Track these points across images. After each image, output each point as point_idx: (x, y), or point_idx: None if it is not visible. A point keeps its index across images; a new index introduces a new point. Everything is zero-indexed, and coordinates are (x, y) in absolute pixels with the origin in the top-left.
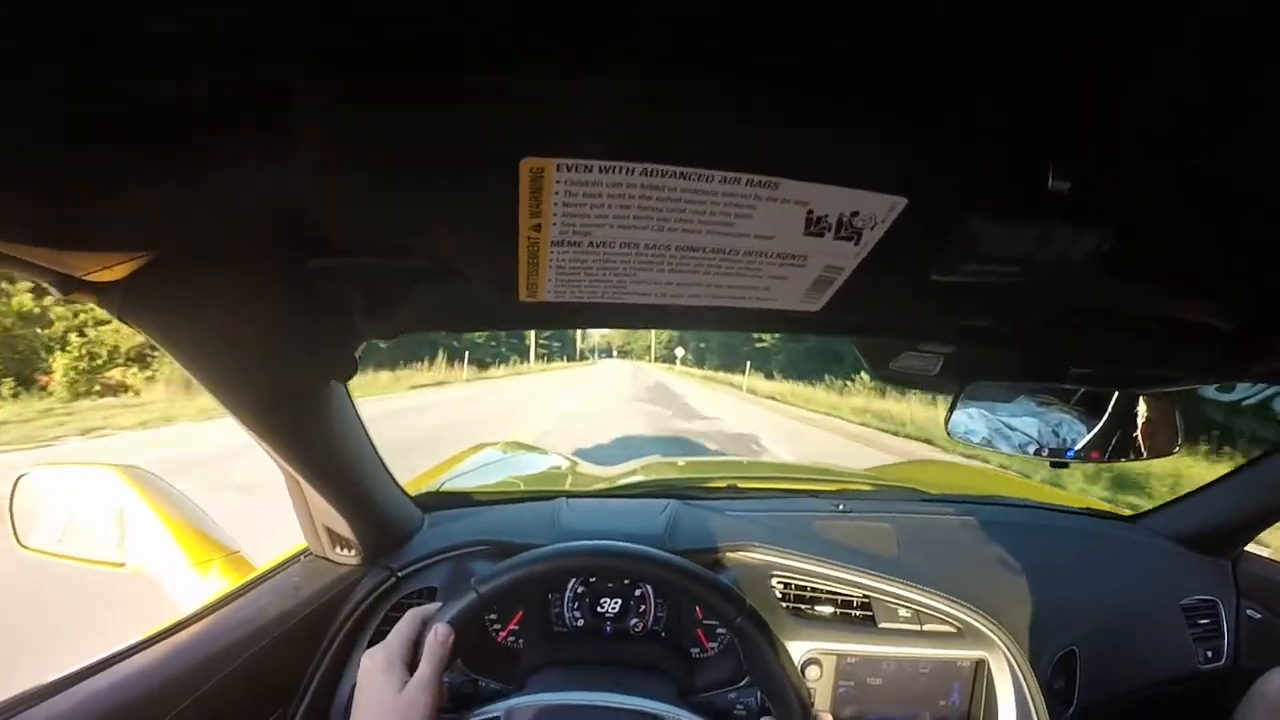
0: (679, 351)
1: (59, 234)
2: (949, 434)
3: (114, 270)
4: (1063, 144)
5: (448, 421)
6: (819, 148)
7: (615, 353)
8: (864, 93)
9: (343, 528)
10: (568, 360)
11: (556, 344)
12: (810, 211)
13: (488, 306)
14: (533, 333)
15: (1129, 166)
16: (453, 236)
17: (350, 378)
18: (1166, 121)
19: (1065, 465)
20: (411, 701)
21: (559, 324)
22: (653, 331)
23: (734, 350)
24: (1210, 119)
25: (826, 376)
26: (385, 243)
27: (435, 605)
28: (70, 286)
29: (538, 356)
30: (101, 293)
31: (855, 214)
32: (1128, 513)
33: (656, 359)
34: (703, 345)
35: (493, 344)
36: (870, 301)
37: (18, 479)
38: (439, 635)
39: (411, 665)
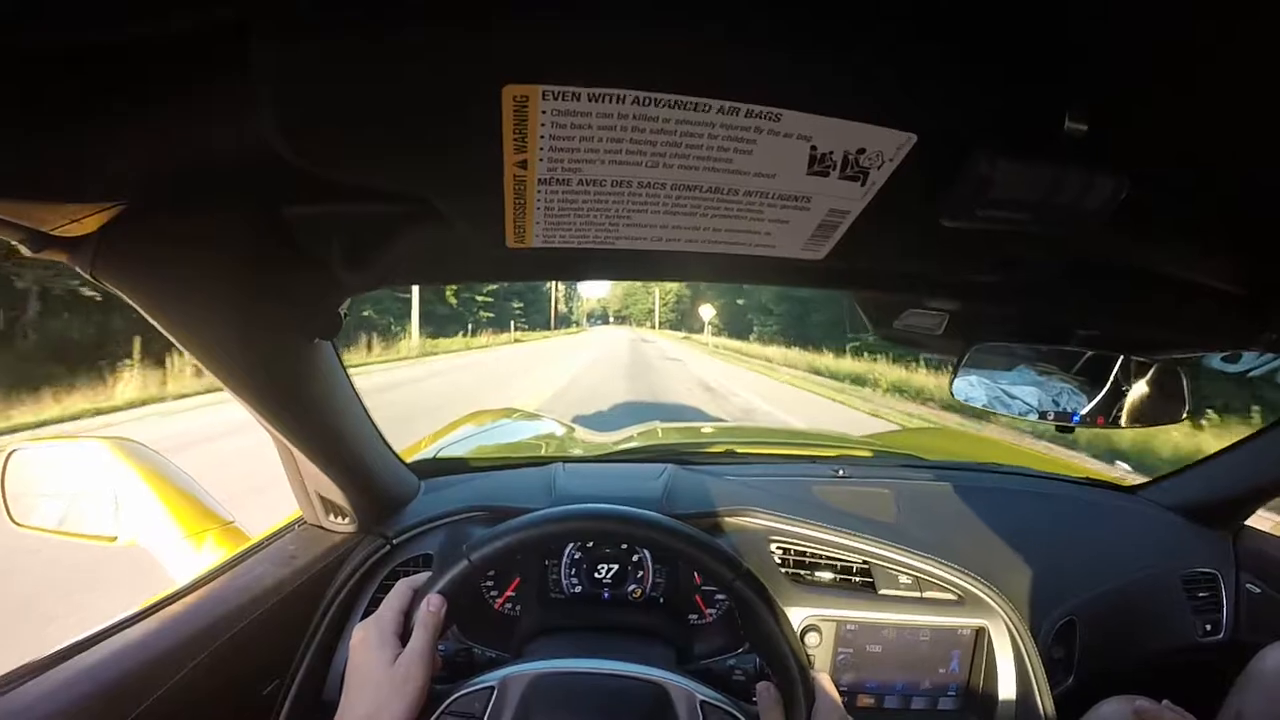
0: (706, 312)
1: (24, 187)
2: (954, 396)
3: (83, 224)
4: (1081, 83)
5: None
6: (823, 76)
7: (611, 318)
8: (871, 15)
9: (336, 495)
10: (545, 330)
11: (537, 314)
12: (814, 148)
13: (474, 254)
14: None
15: (1148, 113)
16: (435, 177)
17: (335, 334)
18: (1190, 70)
19: (1071, 430)
20: (405, 675)
21: (549, 274)
22: (655, 291)
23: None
24: (1236, 72)
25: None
26: (363, 188)
27: (426, 575)
28: (40, 243)
29: (516, 327)
30: (72, 249)
31: (862, 151)
32: (1130, 483)
33: (662, 324)
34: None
35: (459, 309)
36: (876, 251)
37: (8, 455)
38: (431, 605)
39: (404, 636)
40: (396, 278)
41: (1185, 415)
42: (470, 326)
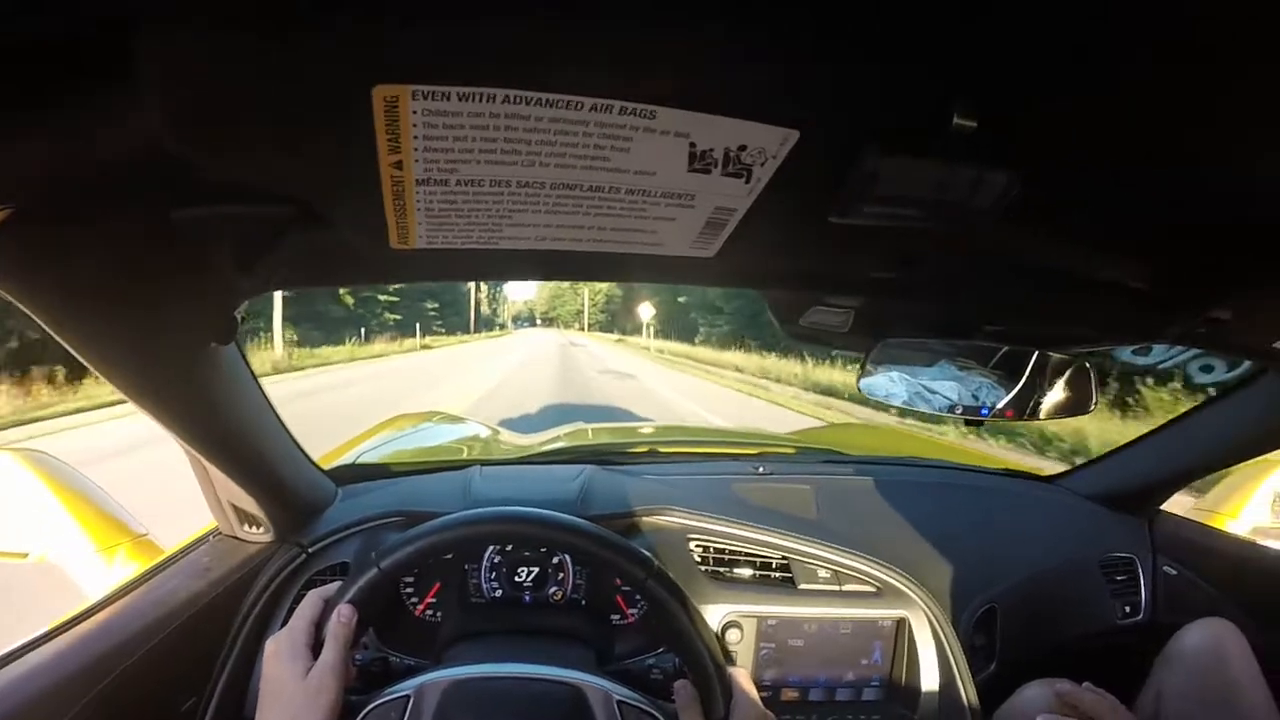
0: (645, 311)
1: None
2: (861, 391)
3: None
4: (969, 78)
5: None
6: (697, 72)
7: (539, 319)
8: (744, 9)
9: (250, 504)
10: (464, 335)
11: (455, 316)
12: (693, 145)
13: (361, 256)
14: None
15: (1038, 109)
16: (314, 179)
17: (231, 339)
18: (1080, 65)
19: (980, 424)
20: (317, 687)
21: (438, 275)
22: (584, 291)
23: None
24: (1121, 65)
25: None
26: (248, 190)
27: (337, 584)
28: None
29: (427, 331)
30: None
31: (743, 148)
32: (1047, 473)
33: (591, 325)
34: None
35: (358, 310)
36: (768, 248)
37: None
38: (341, 616)
39: (316, 648)
40: (287, 281)
41: (1093, 407)
42: (364, 331)
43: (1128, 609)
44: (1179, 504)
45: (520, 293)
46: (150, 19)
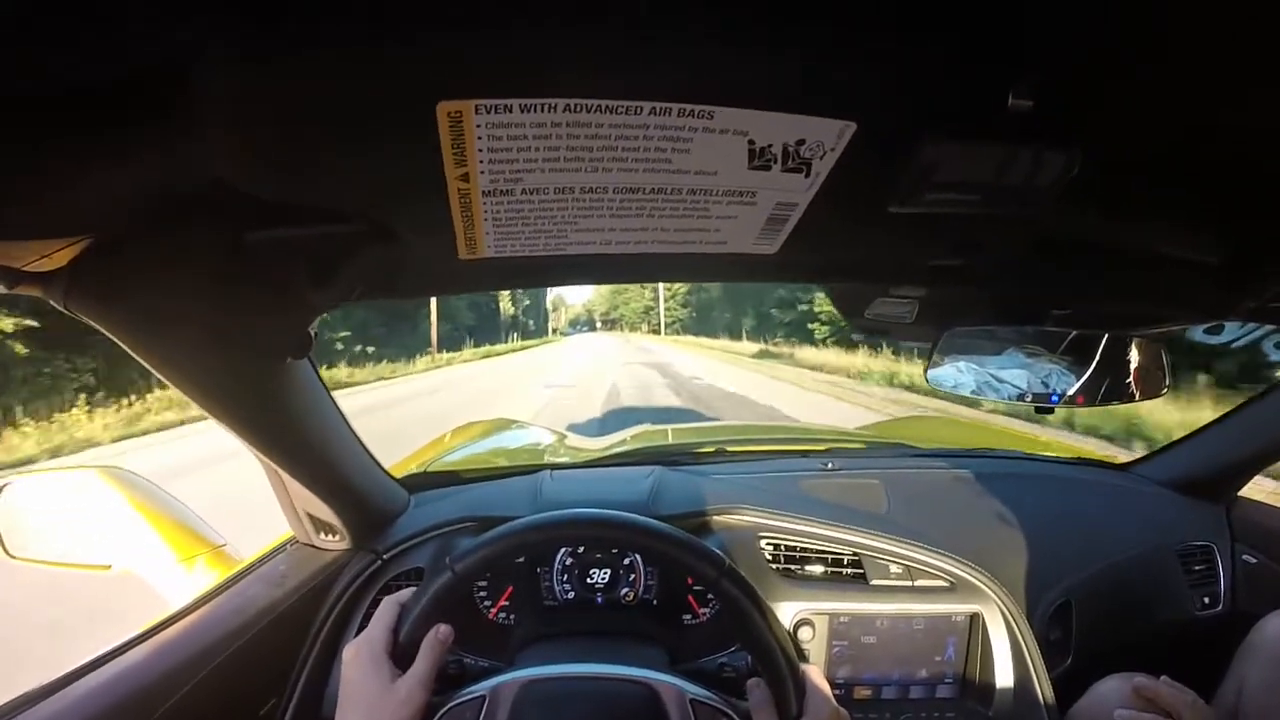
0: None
1: None
2: (929, 383)
3: (54, 259)
4: (1022, 59)
5: None
6: (753, 70)
7: (599, 322)
8: (797, 6)
9: (325, 513)
10: (491, 345)
11: (483, 326)
12: (752, 142)
13: (431, 269)
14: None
15: (1097, 86)
16: (383, 196)
17: (307, 353)
18: (1140, 38)
19: (1050, 411)
20: (406, 697)
21: (507, 283)
22: (649, 289)
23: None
24: (1180, 33)
25: None
26: (318, 210)
27: (411, 590)
28: (13, 279)
29: (453, 345)
30: (45, 283)
31: (801, 142)
32: (1121, 460)
33: (671, 327)
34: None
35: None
36: (830, 241)
37: (1, 488)
38: (440, 634)
39: (393, 653)
40: (360, 294)
41: (1166, 390)
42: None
43: (1206, 599)
44: (1257, 489)
45: (577, 296)
46: (208, 61)
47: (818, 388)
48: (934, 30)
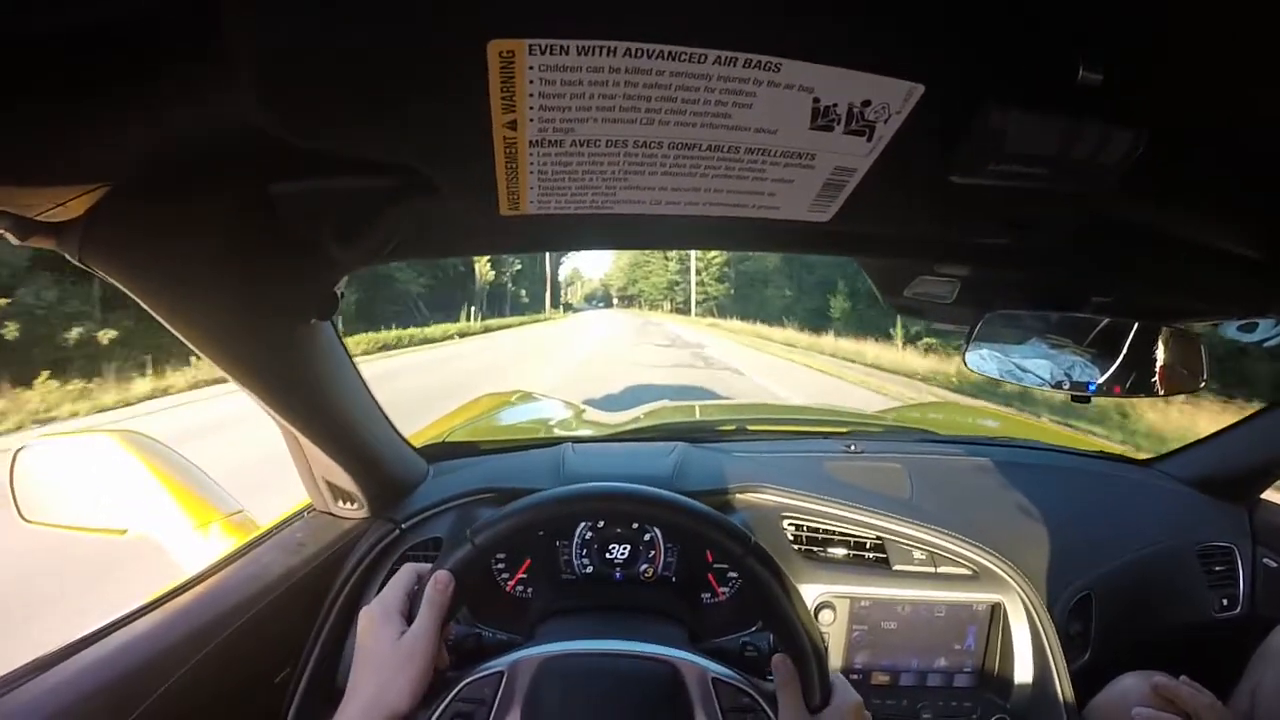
0: None
1: (4, 172)
2: (966, 367)
3: (69, 208)
4: (1096, 31)
5: None
6: (824, 22)
7: (615, 298)
8: None
9: (344, 480)
10: (469, 321)
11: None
12: (817, 100)
13: (469, 224)
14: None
15: (1167, 65)
16: (422, 143)
17: (332, 315)
18: (1212, 18)
19: (1087, 400)
20: (409, 652)
21: (546, 243)
22: (673, 260)
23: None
24: (1260, 23)
25: None
26: (350, 160)
27: (429, 565)
28: (26, 230)
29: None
30: (59, 234)
31: (867, 103)
32: (1143, 456)
33: (701, 306)
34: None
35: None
36: (884, 212)
37: (16, 452)
38: (439, 583)
39: (409, 616)
40: (390, 253)
41: (1203, 384)
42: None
43: (1225, 601)
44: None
45: (595, 269)
46: None
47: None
48: None
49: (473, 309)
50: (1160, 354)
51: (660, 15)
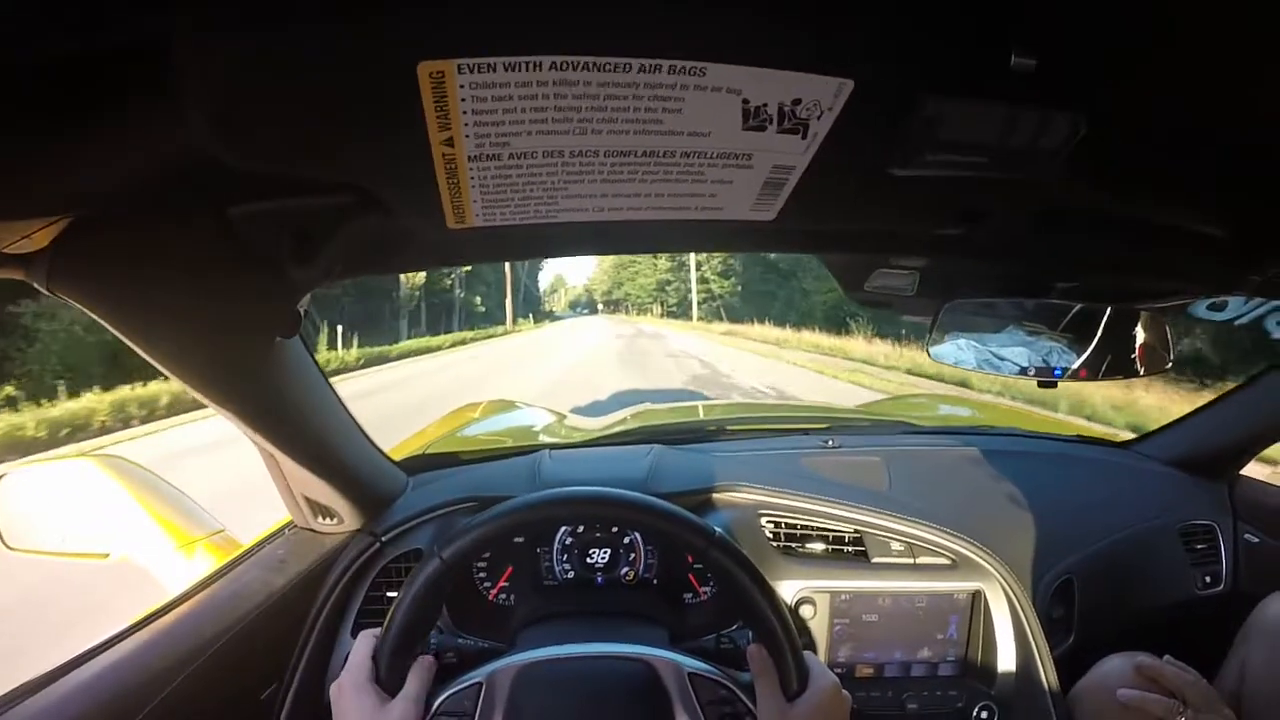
0: None
1: None
2: (931, 358)
3: (34, 239)
4: (1025, 17)
5: None
6: (745, 24)
7: (600, 305)
8: None
9: (323, 495)
10: (393, 344)
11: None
12: (746, 101)
13: (419, 240)
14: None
15: (1099, 46)
16: (366, 164)
17: (295, 332)
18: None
19: (1053, 385)
20: (400, 715)
21: (498, 254)
22: (662, 259)
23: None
24: (1176, 7)
25: None
26: (302, 181)
27: (378, 630)
28: None
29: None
30: (27, 265)
31: (798, 102)
32: (1122, 438)
33: (703, 308)
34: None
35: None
36: (830, 207)
37: None
38: (424, 664)
39: (377, 679)
40: (348, 270)
41: (1170, 365)
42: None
43: (1208, 579)
44: (1256, 473)
45: (578, 275)
46: (185, 34)
47: None
48: None
49: (402, 324)
50: (1126, 337)
51: (583, 28)
